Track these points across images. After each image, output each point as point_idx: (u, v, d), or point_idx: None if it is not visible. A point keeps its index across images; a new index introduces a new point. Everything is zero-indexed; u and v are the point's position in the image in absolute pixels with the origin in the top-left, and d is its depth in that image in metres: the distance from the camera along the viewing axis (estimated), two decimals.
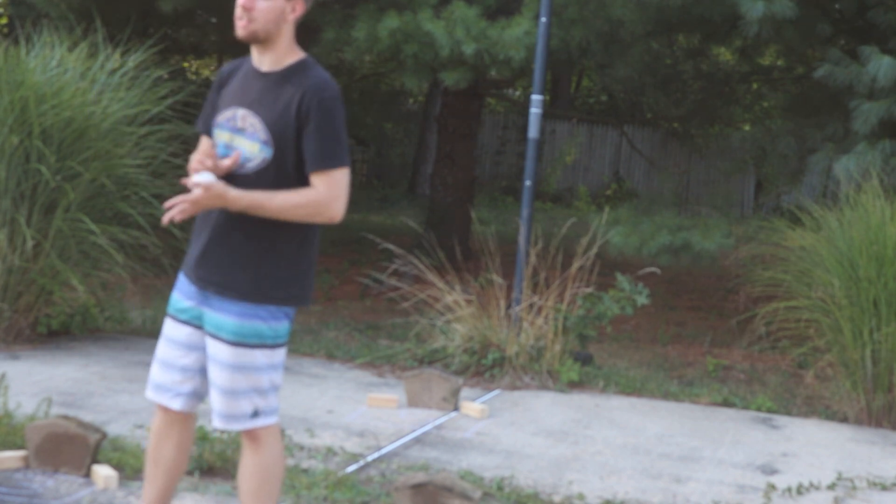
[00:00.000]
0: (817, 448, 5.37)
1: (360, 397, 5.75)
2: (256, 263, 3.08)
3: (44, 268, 6.26)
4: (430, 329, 6.87)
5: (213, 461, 4.25)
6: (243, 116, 3.11)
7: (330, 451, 4.66)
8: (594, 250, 6.62)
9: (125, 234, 6.36)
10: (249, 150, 3.08)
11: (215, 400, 3.15)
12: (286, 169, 3.06)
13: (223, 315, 3.09)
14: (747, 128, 16.90)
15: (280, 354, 3.17)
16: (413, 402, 5.67)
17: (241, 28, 3.10)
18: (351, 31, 8.24)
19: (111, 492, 3.98)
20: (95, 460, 4.15)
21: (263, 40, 3.10)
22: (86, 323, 6.75)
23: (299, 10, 3.13)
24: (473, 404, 5.64)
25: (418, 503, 3.87)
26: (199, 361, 3.19)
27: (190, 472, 4.17)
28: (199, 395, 3.25)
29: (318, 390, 5.87)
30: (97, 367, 5.92)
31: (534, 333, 6.47)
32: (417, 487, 3.88)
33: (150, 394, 3.26)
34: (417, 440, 5.04)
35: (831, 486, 4.70)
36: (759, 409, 6.14)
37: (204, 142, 3.27)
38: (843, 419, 6.02)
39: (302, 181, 3.07)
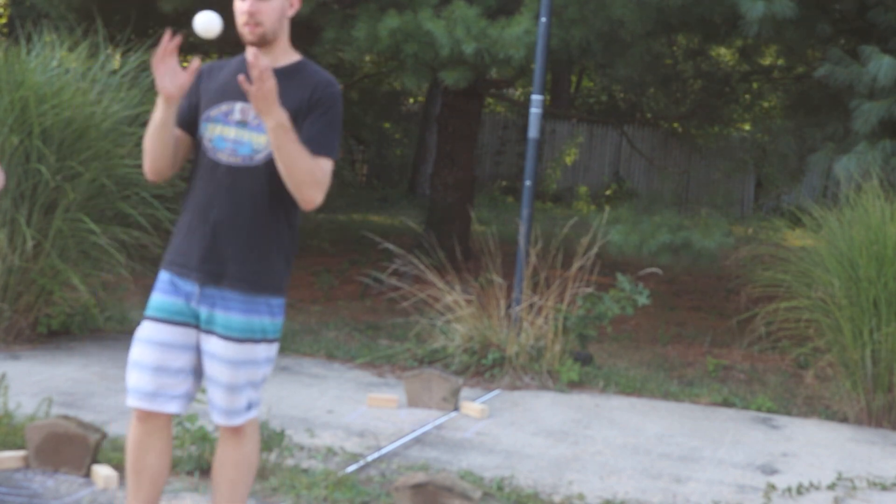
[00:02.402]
0: (817, 448, 5.37)
1: (360, 397, 5.75)
2: (263, 255, 3.11)
3: (44, 268, 6.26)
4: (430, 329, 6.87)
5: (213, 461, 4.24)
6: (243, 110, 3.12)
7: (330, 451, 4.66)
8: (594, 250, 6.62)
9: (126, 234, 6.37)
10: (257, 141, 3.10)
11: (217, 397, 3.15)
12: None
13: (231, 312, 3.09)
14: (747, 128, 16.92)
15: (276, 349, 3.22)
16: (413, 402, 5.67)
17: (249, 33, 3.12)
18: (351, 30, 8.24)
19: (111, 492, 3.97)
20: (95, 460, 4.15)
21: (271, 41, 3.14)
22: (86, 323, 6.75)
23: (296, 4, 3.22)
24: (473, 404, 5.64)
25: (418, 503, 3.87)
26: (192, 361, 3.16)
27: (190, 472, 4.17)
28: (192, 395, 3.23)
29: (318, 390, 5.87)
30: (97, 367, 5.92)
31: (534, 333, 6.47)
32: (417, 487, 3.88)
33: (138, 402, 3.13)
34: (417, 440, 5.04)
35: (831, 486, 4.69)
36: (759, 409, 6.13)
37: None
38: (843, 419, 6.02)
39: None
